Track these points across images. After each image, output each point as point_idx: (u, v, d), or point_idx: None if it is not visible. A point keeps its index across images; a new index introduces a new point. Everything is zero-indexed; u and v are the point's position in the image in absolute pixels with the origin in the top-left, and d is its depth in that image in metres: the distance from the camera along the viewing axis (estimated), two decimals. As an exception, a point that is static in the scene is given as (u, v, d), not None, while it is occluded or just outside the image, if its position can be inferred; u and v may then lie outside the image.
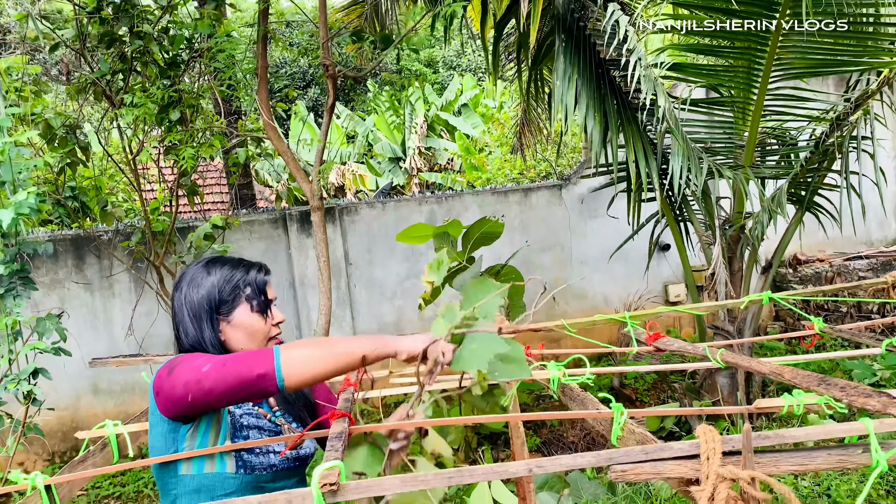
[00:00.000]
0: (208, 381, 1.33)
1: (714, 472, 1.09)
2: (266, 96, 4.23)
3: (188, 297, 1.57)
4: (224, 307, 1.58)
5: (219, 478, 1.48)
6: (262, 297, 1.61)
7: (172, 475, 1.50)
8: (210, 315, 1.57)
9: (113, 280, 5.88)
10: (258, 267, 1.66)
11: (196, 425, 1.47)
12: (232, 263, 1.63)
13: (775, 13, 3.78)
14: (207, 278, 1.58)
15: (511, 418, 1.97)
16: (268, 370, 1.30)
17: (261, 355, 1.33)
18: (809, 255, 6.97)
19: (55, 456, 5.79)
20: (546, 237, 6.72)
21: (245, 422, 1.54)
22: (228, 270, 1.60)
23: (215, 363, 1.35)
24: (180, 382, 1.36)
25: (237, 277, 1.60)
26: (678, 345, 2.17)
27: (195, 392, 1.34)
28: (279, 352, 1.33)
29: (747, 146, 4.41)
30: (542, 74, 5.21)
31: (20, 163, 3.30)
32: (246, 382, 1.31)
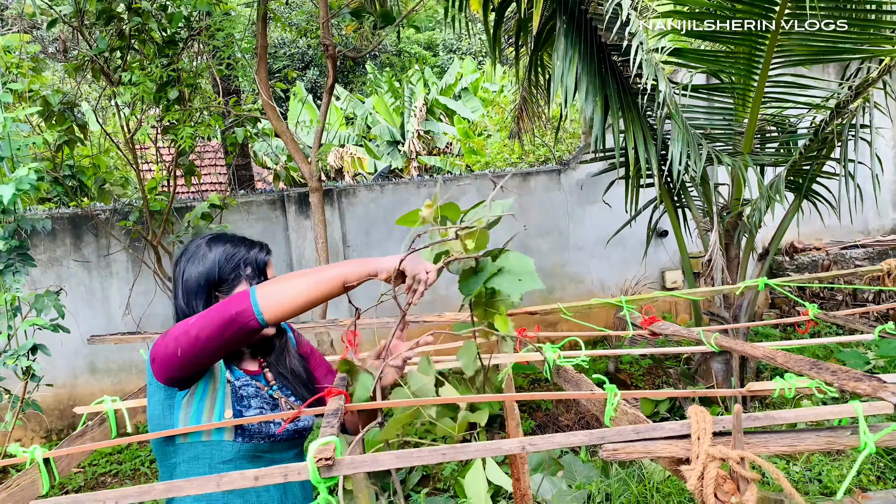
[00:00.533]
0: (194, 328, 1.35)
1: (704, 451, 1.11)
2: (265, 76, 4.21)
3: (187, 272, 1.57)
4: (224, 286, 1.58)
5: (216, 445, 1.50)
6: (262, 278, 1.61)
7: (170, 443, 1.51)
8: (209, 292, 1.57)
9: (110, 259, 5.88)
10: (260, 246, 1.65)
11: (192, 391, 1.49)
12: (234, 241, 1.62)
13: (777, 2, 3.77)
14: (209, 255, 1.58)
15: (506, 398, 1.99)
16: (245, 307, 1.33)
17: (239, 295, 1.36)
18: (806, 244, 6.98)
19: (52, 433, 5.82)
20: (544, 222, 6.72)
21: (244, 392, 1.56)
22: (231, 248, 1.59)
23: (199, 316, 1.38)
24: (171, 339, 1.39)
25: (239, 256, 1.59)
26: (673, 329, 2.19)
27: (184, 344, 1.36)
28: (255, 289, 1.35)
29: (747, 133, 4.40)
30: (542, 59, 5.19)
31: (19, 139, 3.30)
32: (226, 321, 1.33)
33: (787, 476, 3.79)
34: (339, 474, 1.15)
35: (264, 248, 1.66)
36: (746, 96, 4.45)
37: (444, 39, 18.91)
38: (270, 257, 1.66)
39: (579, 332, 2.45)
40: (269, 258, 1.65)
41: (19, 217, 3.33)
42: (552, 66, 4.64)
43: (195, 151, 5.24)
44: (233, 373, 1.58)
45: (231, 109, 4.97)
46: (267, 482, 1.16)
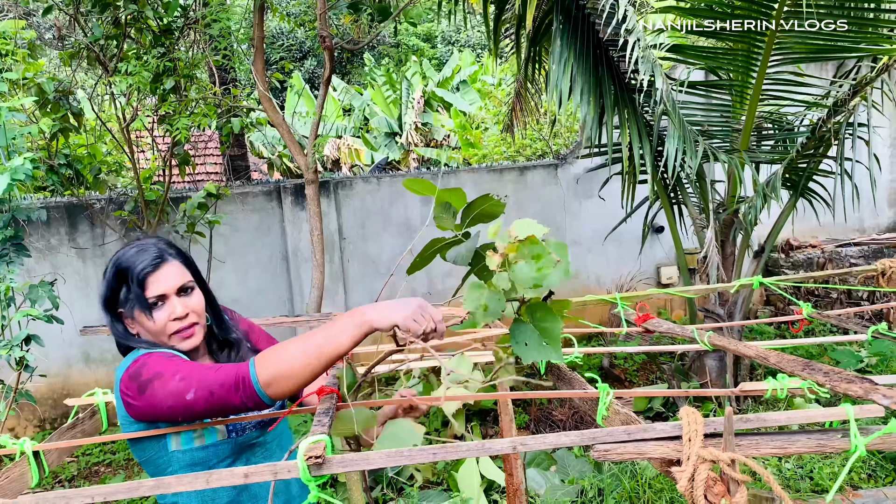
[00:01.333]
0: (198, 407, 1.31)
1: (695, 453, 1.11)
2: (262, 66, 4.19)
3: (99, 290, 1.52)
4: (122, 308, 1.49)
5: (212, 449, 1.49)
6: (141, 299, 1.45)
7: (163, 453, 1.48)
8: (112, 316, 1.51)
9: (105, 248, 5.86)
10: (143, 259, 1.47)
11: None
12: (129, 254, 1.49)
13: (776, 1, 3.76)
14: (108, 273, 1.50)
15: (499, 396, 1.99)
16: (252, 398, 1.28)
17: (239, 381, 1.28)
18: (802, 241, 6.99)
19: (45, 423, 5.82)
20: (540, 216, 6.71)
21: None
22: (120, 266, 1.48)
23: (198, 391, 1.30)
24: (164, 406, 1.33)
25: (123, 277, 1.47)
26: (667, 326, 2.18)
27: (185, 415, 1.34)
28: (255, 375, 1.27)
29: (744, 130, 4.40)
30: (538, 53, 5.17)
31: (14, 128, 3.28)
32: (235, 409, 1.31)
33: (778, 474, 3.81)
34: (329, 473, 1.15)
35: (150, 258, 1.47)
36: (744, 93, 4.45)
37: (442, 31, 18.84)
38: (154, 271, 1.46)
39: (574, 329, 2.45)
40: (151, 272, 1.46)
41: (14, 206, 3.32)
42: (549, 62, 4.62)
43: (190, 141, 5.22)
44: None
45: (227, 100, 4.94)
46: (257, 479, 1.16)
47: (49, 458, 1.57)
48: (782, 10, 3.76)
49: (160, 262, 1.48)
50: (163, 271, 1.47)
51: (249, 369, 1.29)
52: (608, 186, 5.74)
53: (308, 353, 1.26)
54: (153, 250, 1.50)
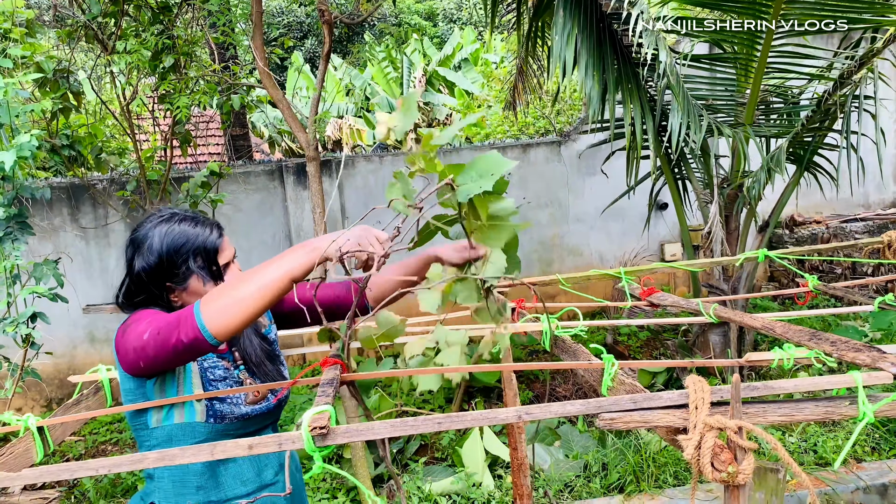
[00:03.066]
0: (150, 348, 1.32)
1: (702, 421, 1.10)
2: (261, 43, 4.14)
3: (139, 262, 1.49)
4: (175, 278, 1.50)
5: (188, 427, 1.49)
6: (213, 267, 1.52)
7: (144, 428, 1.50)
8: (161, 283, 1.50)
9: (108, 229, 5.86)
10: (210, 228, 1.54)
11: (162, 379, 1.47)
12: (181, 226, 1.51)
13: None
14: (154, 245, 1.49)
15: (503, 368, 1.99)
16: (196, 335, 1.27)
17: (185, 322, 1.28)
18: (806, 217, 6.96)
19: (52, 402, 5.85)
20: (543, 193, 6.69)
21: (212, 375, 1.54)
22: (177, 237, 1.49)
23: (151, 331, 1.32)
24: (130, 348, 1.35)
25: (187, 246, 1.49)
26: (672, 300, 2.18)
27: (143, 358, 1.33)
28: (199, 314, 1.27)
29: (749, 104, 4.35)
30: (540, 29, 5.11)
31: (17, 106, 3.26)
32: (180, 349, 1.30)
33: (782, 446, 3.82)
34: (333, 443, 1.14)
35: (215, 229, 1.55)
36: (749, 66, 4.39)
37: (444, 9, 18.66)
38: (223, 239, 1.55)
39: (578, 304, 2.44)
40: (222, 241, 1.55)
41: (18, 185, 3.31)
42: (551, 37, 4.57)
43: (192, 121, 5.19)
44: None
45: (226, 76, 4.91)
46: (262, 451, 1.16)
47: (54, 435, 1.58)
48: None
49: (222, 231, 1.57)
50: (225, 241, 1.57)
51: (194, 305, 1.30)
52: (612, 163, 5.70)
53: (261, 285, 1.27)
54: (208, 221, 1.56)
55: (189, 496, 1.51)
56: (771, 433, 3.85)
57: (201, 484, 1.52)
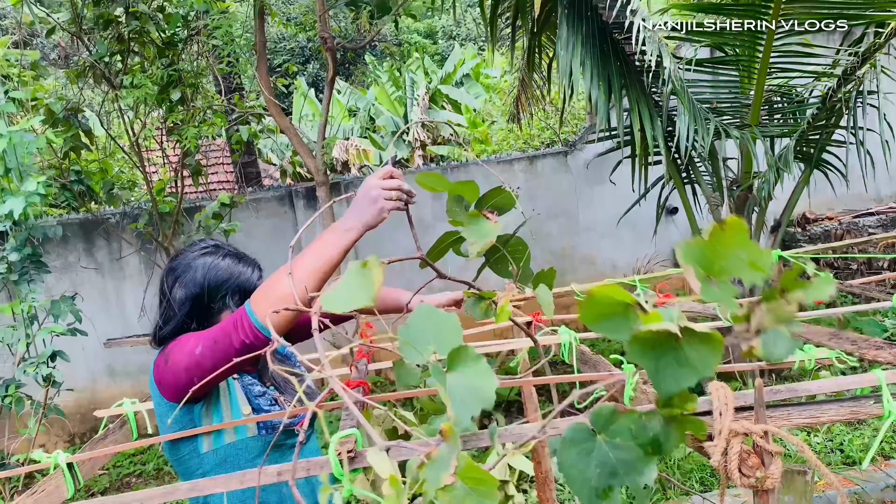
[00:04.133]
0: (206, 360, 1.32)
1: (727, 427, 1.10)
2: (265, 72, 4.21)
3: (179, 292, 1.51)
4: (209, 311, 1.52)
5: (242, 444, 1.50)
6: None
7: (195, 456, 1.50)
8: (196, 314, 1.52)
9: (123, 262, 5.91)
10: (252, 268, 1.57)
11: (208, 403, 1.47)
12: (227, 262, 1.54)
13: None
14: (200, 277, 1.52)
15: (523, 382, 1.99)
16: (255, 333, 1.27)
17: (240, 325, 1.29)
18: (818, 214, 6.92)
19: (75, 437, 5.88)
20: (552, 205, 6.70)
21: (253, 392, 1.55)
22: (221, 272, 1.53)
23: (205, 343, 1.33)
24: (181, 369, 1.35)
25: (229, 283, 1.52)
26: (688, 306, 2.17)
27: (199, 374, 1.32)
28: (253, 314, 1.27)
29: (753, 105, 4.36)
30: (540, 42, 5.15)
31: (24, 146, 3.31)
32: (242, 351, 1.28)
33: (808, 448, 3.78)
34: (361, 466, 1.15)
35: (256, 269, 1.57)
36: (752, 68, 4.40)
37: (443, 26, 18.81)
38: (261, 279, 1.56)
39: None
40: (260, 281, 1.55)
41: (30, 226, 3.36)
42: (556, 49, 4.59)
43: (201, 151, 5.26)
44: (239, 374, 1.56)
45: (234, 107, 4.97)
46: (287, 477, 1.17)
47: (83, 470, 1.59)
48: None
49: (262, 272, 1.58)
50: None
51: (245, 306, 1.30)
52: (619, 171, 5.71)
53: (301, 276, 1.29)
54: (250, 260, 1.58)
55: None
56: (796, 435, 3.81)
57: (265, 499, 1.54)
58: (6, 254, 3.28)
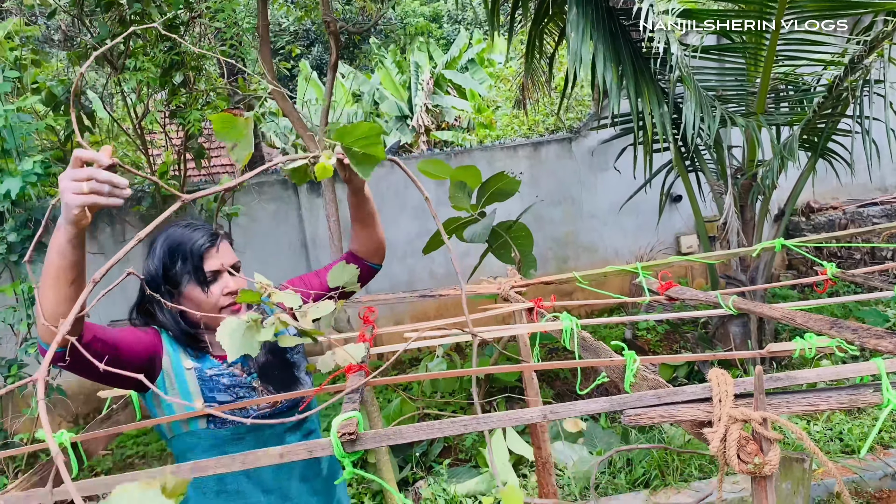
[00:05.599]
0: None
1: (726, 413, 1.10)
2: (269, 55, 4.18)
3: (147, 266, 1.55)
4: (171, 282, 1.53)
5: (195, 435, 1.51)
6: (199, 272, 1.52)
7: (166, 439, 1.56)
8: (162, 289, 1.53)
9: (125, 245, 5.92)
10: (202, 233, 1.55)
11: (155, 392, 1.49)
12: (182, 231, 1.55)
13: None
14: (159, 249, 1.54)
15: (524, 368, 2.00)
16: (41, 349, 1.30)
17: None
18: (822, 203, 6.90)
19: (78, 418, 5.92)
20: (556, 191, 6.68)
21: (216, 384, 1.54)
22: (175, 240, 1.53)
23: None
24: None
25: (180, 249, 1.52)
26: (690, 293, 2.17)
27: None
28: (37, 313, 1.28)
29: (760, 93, 4.34)
30: (544, 28, 5.11)
31: (23, 128, 3.31)
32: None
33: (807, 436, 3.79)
34: (362, 448, 1.16)
35: (206, 235, 1.55)
36: (758, 55, 4.37)
37: (448, 10, 18.67)
38: (212, 246, 1.55)
39: (596, 300, 2.45)
40: (209, 246, 1.54)
41: (31, 207, 3.36)
42: (558, 36, 4.56)
43: (204, 134, 5.25)
44: (202, 361, 1.56)
45: (237, 91, 4.95)
46: (292, 458, 1.17)
47: (87, 450, 1.61)
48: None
49: (216, 238, 1.56)
50: (219, 248, 1.55)
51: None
52: (622, 158, 5.69)
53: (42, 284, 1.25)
54: (206, 227, 1.57)
55: (209, 502, 1.55)
56: (796, 423, 3.83)
57: (220, 489, 1.55)
58: (5, 234, 3.28)
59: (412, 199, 6.36)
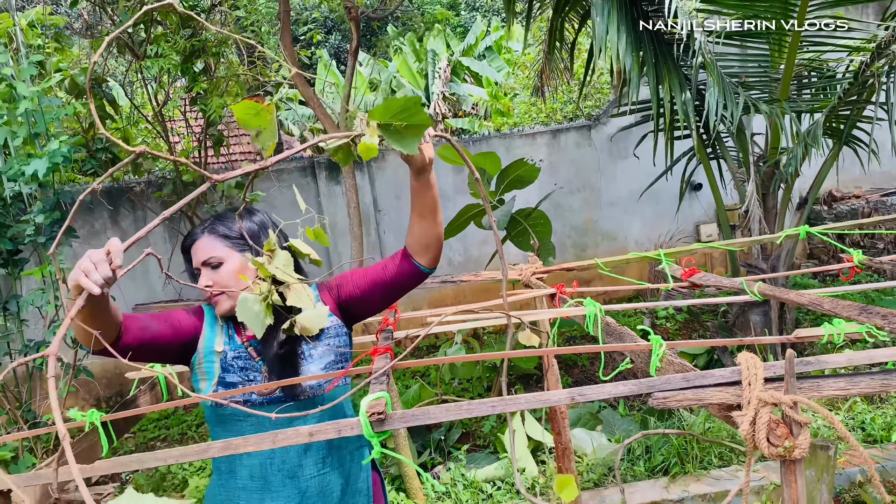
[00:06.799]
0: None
1: (756, 396, 1.10)
2: (290, 41, 4.19)
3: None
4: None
5: (207, 410, 1.62)
6: (190, 267, 1.67)
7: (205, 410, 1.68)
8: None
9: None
10: (193, 230, 1.69)
11: (191, 368, 1.62)
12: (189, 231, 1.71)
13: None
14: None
15: (547, 352, 2.00)
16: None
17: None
18: (845, 192, 6.82)
19: (101, 401, 6.01)
20: (575, 179, 6.65)
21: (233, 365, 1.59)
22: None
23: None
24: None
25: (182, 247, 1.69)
26: (714, 279, 2.16)
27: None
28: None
29: (783, 79, 4.28)
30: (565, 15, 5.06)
31: (50, 112, 3.35)
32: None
33: (829, 426, 3.76)
34: (390, 428, 1.17)
35: (195, 231, 1.66)
36: (783, 41, 4.31)
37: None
38: (194, 243, 1.64)
39: (617, 287, 2.44)
40: (190, 243, 1.64)
41: (59, 190, 3.40)
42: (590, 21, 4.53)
43: (223, 121, 5.28)
44: (232, 342, 1.61)
45: (264, 72, 4.97)
46: (320, 438, 1.19)
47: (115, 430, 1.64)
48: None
49: (194, 237, 1.64)
50: (195, 246, 1.64)
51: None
52: (641, 145, 5.65)
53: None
54: (199, 227, 1.67)
55: (215, 477, 1.65)
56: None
57: (220, 468, 1.62)
58: (33, 216, 3.33)
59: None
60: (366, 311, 1.72)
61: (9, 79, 3.43)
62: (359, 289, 1.69)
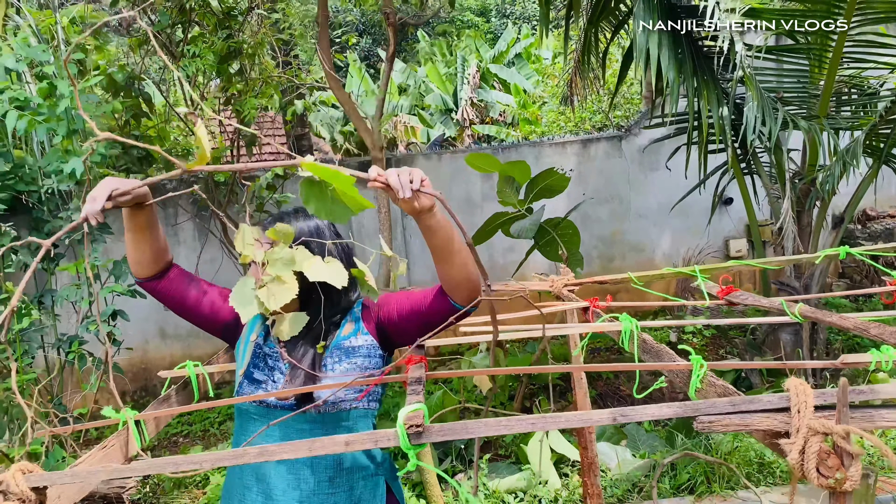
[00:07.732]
0: None
1: (806, 425, 1.07)
2: (327, 45, 4.21)
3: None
4: None
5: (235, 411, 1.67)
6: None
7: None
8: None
9: (178, 228, 6.04)
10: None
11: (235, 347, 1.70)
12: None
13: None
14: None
15: (575, 369, 1.98)
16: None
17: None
18: (880, 211, 6.69)
19: (126, 395, 6.07)
20: (604, 189, 6.61)
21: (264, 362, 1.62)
22: None
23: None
24: None
25: None
26: (753, 299, 2.12)
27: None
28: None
29: (823, 96, 4.21)
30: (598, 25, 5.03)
31: (90, 109, 3.39)
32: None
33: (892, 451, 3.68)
34: (428, 441, 1.16)
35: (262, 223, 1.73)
36: (823, 57, 4.25)
37: (496, 4, 18.57)
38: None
39: (650, 303, 2.41)
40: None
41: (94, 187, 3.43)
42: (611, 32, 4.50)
43: (256, 122, 5.32)
44: (268, 339, 1.64)
45: (295, 74, 5.01)
46: (356, 448, 1.18)
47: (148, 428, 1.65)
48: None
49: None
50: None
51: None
52: (673, 159, 5.59)
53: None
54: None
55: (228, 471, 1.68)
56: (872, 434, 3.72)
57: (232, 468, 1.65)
58: (70, 213, 3.37)
59: (458, 192, 6.35)
60: (402, 337, 1.62)
61: (50, 77, 3.49)
62: (398, 313, 1.61)
